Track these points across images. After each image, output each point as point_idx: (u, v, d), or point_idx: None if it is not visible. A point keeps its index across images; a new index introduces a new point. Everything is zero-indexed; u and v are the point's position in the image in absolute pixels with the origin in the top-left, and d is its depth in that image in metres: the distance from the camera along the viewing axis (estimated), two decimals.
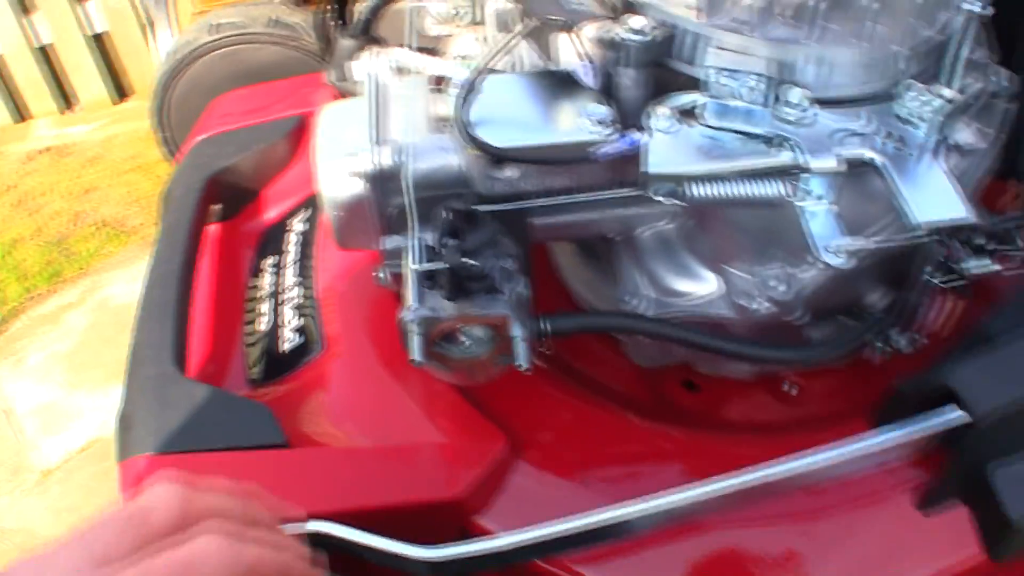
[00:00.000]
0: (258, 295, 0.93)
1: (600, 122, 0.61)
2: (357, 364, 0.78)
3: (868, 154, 0.60)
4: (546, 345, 0.68)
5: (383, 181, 0.62)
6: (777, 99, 0.61)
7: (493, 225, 0.63)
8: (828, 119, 0.61)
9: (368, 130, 0.64)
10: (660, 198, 0.59)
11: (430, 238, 0.62)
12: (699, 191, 0.58)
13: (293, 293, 0.89)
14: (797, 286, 0.68)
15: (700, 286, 0.73)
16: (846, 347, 0.70)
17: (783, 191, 0.59)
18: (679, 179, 0.59)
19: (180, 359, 0.80)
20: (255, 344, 0.88)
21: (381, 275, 0.67)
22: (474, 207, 0.63)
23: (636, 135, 0.61)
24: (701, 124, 0.61)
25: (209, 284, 0.94)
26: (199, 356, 0.87)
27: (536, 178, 0.63)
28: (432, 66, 0.74)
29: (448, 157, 0.59)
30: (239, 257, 0.99)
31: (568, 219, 0.68)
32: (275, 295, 0.91)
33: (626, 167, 0.62)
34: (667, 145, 0.59)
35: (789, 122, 0.60)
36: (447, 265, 0.57)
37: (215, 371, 0.86)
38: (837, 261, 0.56)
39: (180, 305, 0.84)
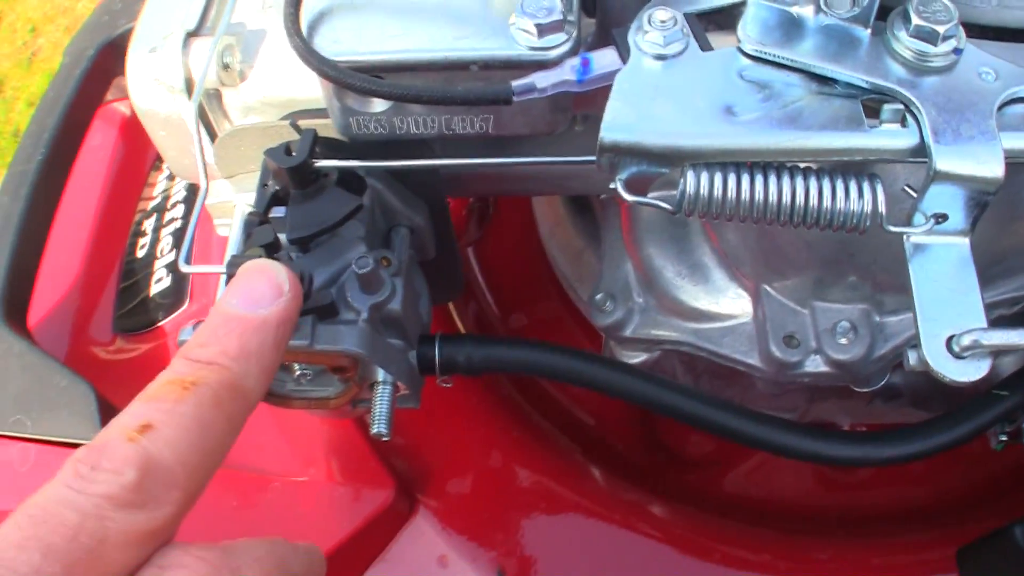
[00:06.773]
0: (148, 207, 0.70)
1: (541, 25, 0.32)
2: None
3: None
4: (445, 381, 0.43)
5: (210, 95, 0.39)
6: (892, 16, 0.30)
7: (359, 188, 0.37)
8: (985, 64, 0.29)
9: (191, 8, 0.39)
10: (624, 193, 0.30)
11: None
12: (703, 188, 0.29)
13: (177, 211, 0.66)
14: (882, 341, 0.40)
15: (721, 304, 0.45)
16: (952, 436, 0.42)
17: (871, 208, 0.29)
18: (668, 157, 0.30)
19: (8, 295, 0.59)
20: (132, 277, 0.66)
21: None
22: (316, 162, 0.36)
23: (600, 56, 0.32)
24: (739, 48, 0.31)
25: (93, 186, 0.71)
26: (60, 284, 0.66)
27: (422, 117, 0.35)
28: None
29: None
30: (145, 149, 0.75)
31: (493, 171, 0.41)
32: (160, 210, 0.68)
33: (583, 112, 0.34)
34: (655, 85, 0.30)
35: (914, 63, 0.29)
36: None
37: (77, 307, 0.65)
38: (970, 369, 0.28)
39: (30, 220, 0.63)
